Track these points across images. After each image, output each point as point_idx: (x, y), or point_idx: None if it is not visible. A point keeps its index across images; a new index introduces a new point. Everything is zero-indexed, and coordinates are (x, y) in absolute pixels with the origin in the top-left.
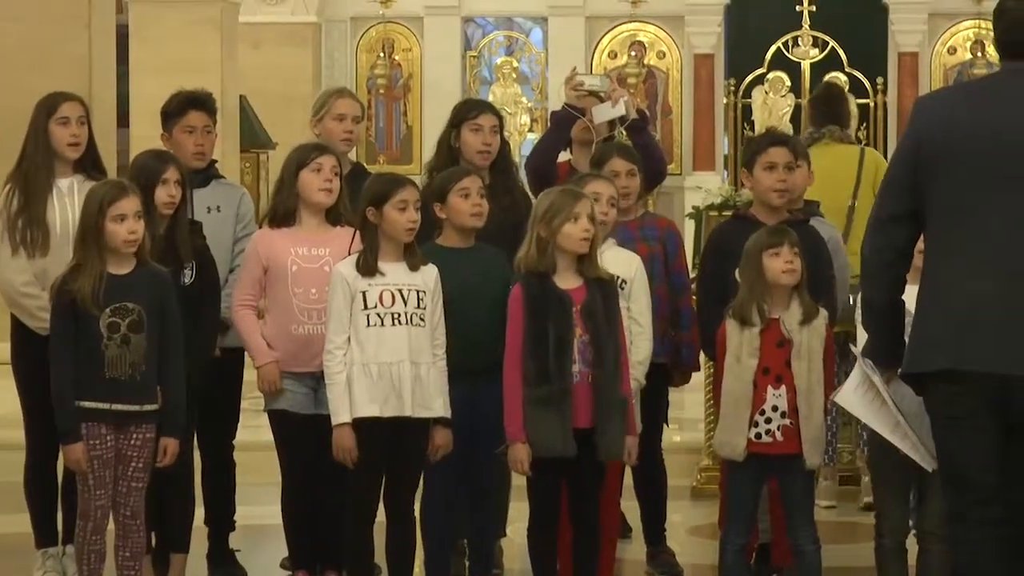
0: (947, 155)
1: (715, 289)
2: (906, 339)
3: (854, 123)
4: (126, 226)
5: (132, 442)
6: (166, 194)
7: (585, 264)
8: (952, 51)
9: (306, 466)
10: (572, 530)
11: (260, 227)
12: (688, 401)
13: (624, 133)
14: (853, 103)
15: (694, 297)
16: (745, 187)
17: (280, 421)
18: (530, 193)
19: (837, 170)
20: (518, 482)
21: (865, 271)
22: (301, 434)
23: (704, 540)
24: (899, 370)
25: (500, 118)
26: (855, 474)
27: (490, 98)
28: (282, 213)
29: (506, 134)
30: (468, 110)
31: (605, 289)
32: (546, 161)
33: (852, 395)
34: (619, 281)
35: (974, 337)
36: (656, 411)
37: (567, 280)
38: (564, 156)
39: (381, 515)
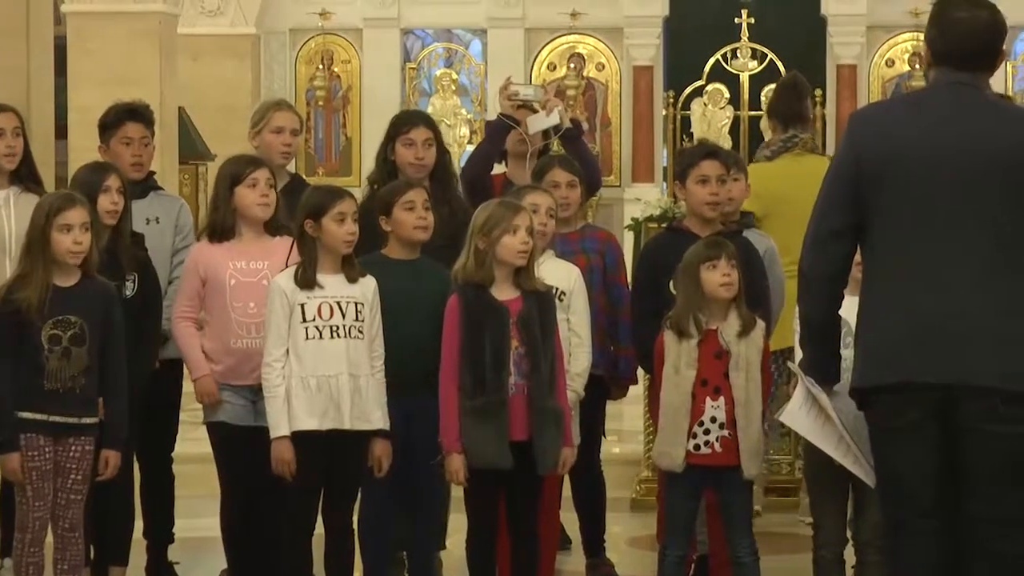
0: (889, 169)
1: (649, 301)
2: (842, 352)
3: None
4: (71, 237)
5: (71, 454)
6: (109, 202)
7: (522, 276)
8: (890, 63)
9: (245, 478)
10: (511, 541)
11: (198, 241)
12: (627, 413)
13: (559, 143)
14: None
15: None
16: (679, 198)
17: (218, 433)
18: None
19: (812, 184)
20: (457, 494)
21: (804, 287)
22: (240, 446)
23: (643, 551)
24: (836, 384)
25: (435, 130)
26: (794, 485)
27: (429, 110)
28: (220, 230)
29: (445, 145)
30: (402, 123)
31: (542, 301)
32: (481, 171)
33: (798, 414)
34: (558, 293)
35: (923, 350)
36: (594, 423)
37: (504, 292)
38: (499, 168)
39: (320, 527)
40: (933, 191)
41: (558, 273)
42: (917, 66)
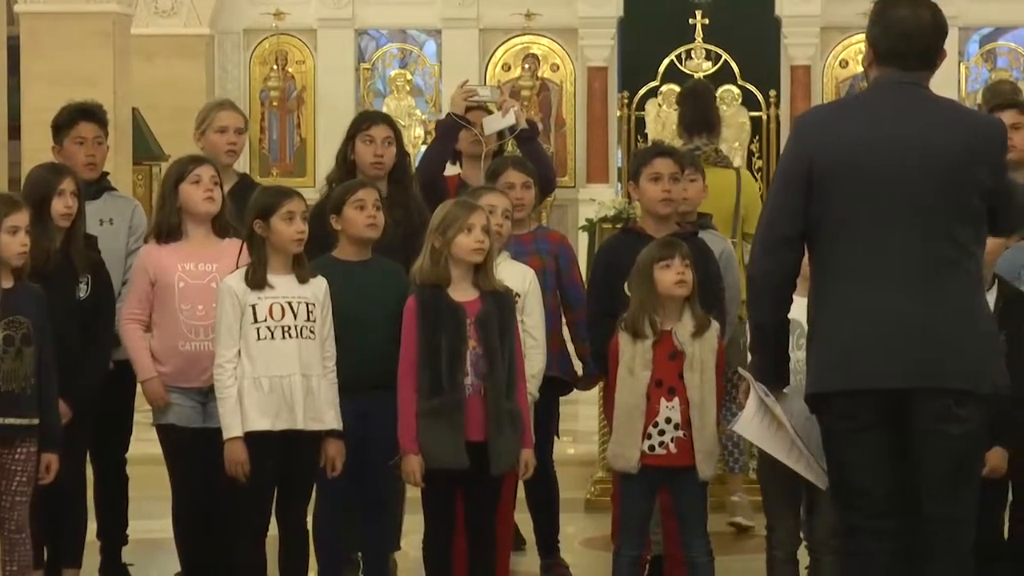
0: (840, 173)
1: (604, 302)
2: (795, 353)
3: (745, 135)
4: (19, 239)
5: (16, 456)
6: (63, 205)
7: (480, 276)
8: (844, 64)
9: (195, 480)
10: (467, 542)
11: (146, 242)
12: (582, 413)
13: (513, 143)
14: (745, 114)
15: None
16: (633, 199)
17: (167, 435)
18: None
19: (714, 196)
20: (413, 494)
21: (754, 294)
22: (190, 448)
23: (598, 552)
24: (786, 387)
25: (395, 129)
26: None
27: (383, 110)
28: (167, 229)
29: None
30: (362, 121)
31: (500, 301)
32: (433, 171)
33: (751, 423)
34: (513, 294)
35: (877, 354)
36: (547, 424)
37: (462, 292)
38: (454, 170)
39: (274, 528)
40: (883, 194)
41: (513, 275)
42: None
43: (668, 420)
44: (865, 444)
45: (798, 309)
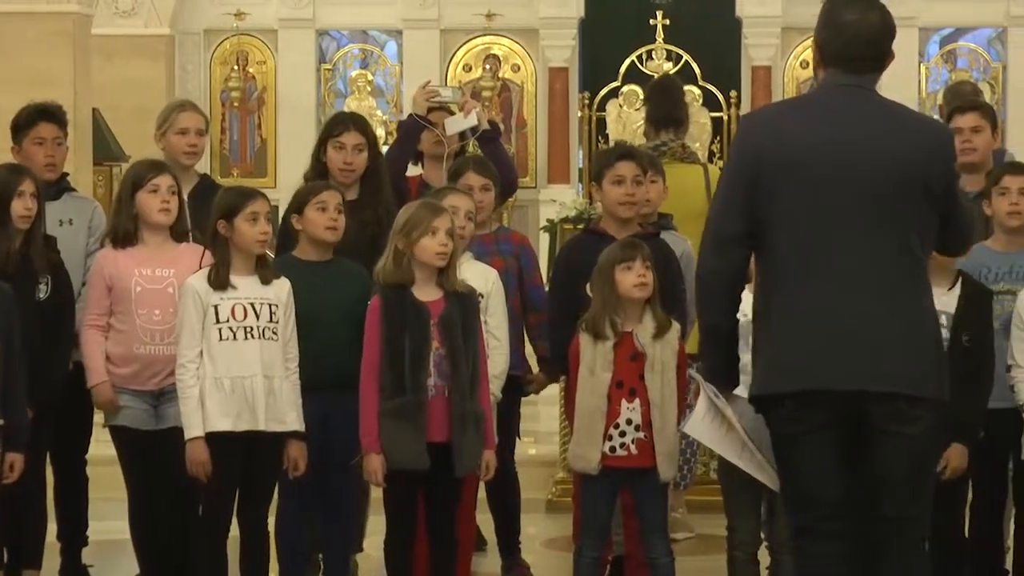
0: (787, 174)
1: (566, 303)
2: (740, 355)
3: (706, 136)
4: None
5: None
6: (23, 207)
7: (444, 277)
8: (805, 65)
9: (151, 481)
10: (428, 543)
11: (102, 246)
12: (543, 414)
13: (475, 144)
14: (706, 115)
15: None
16: (595, 200)
17: (120, 437)
18: None
19: (683, 192)
20: (376, 495)
21: (704, 295)
22: (143, 450)
23: (559, 553)
24: (735, 388)
25: (368, 134)
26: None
27: (347, 111)
28: (122, 234)
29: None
30: (334, 126)
31: (464, 302)
32: (395, 171)
33: (701, 424)
34: (476, 295)
35: (827, 357)
36: (509, 424)
37: (426, 293)
38: (416, 171)
39: (235, 529)
40: (831, 196)
41: (476, 275)
42: None
43: (629, 421)
44: (814, 446)
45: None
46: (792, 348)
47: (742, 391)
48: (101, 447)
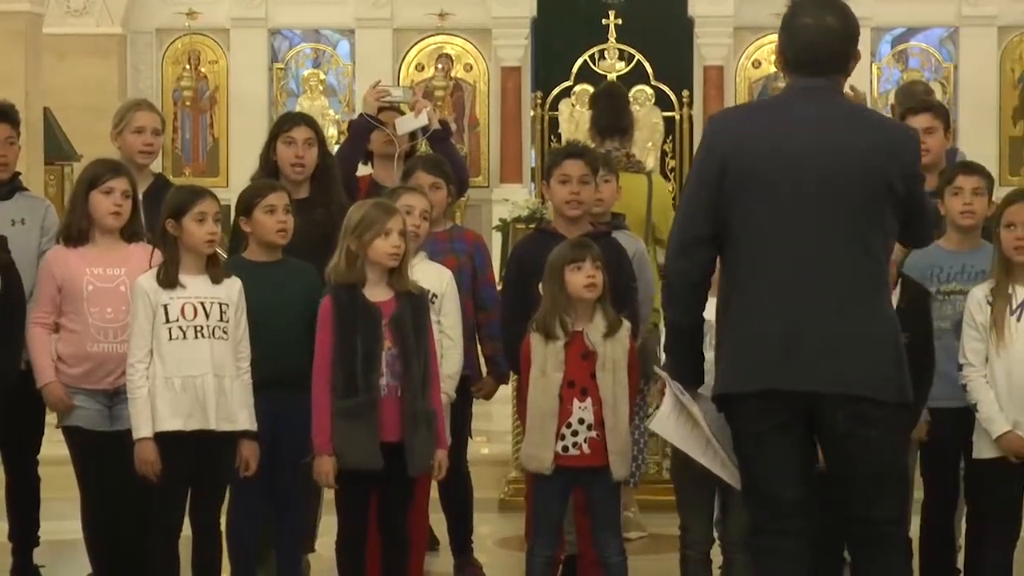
0: (753, 176)
1: (518, 302)
2: (706, 354)
3: (658, 135)
4: None
5: None
6: None
7: (395, 277)
8: (757, 64)
9: (103, 482)
10: (381, 543)
11: (55, 244)
12: (496, 413)
13: (426, 144)
14: (658, 114)
15: None
16: (547, 199)
17: (73, 438)
18: None
19: (627, 201)
20: (328, 495)
21: (669, 295)
22: (96, 450)
23: (512, 552)
24: (700, 387)
25: (318, 131)
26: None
27: (296, 110)
28: (76, 232)
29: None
30: (283, 123)
31: (415, 302)
32: (346, 171)
33: (667, 421)
34: (430, 295)
35: (789, 358)
36: (462, 424)
37: (377, 293)
38: (366, 170)
39: (187, 529)
40: (796, 199)
41: (430, 275)
42: None
43: (581, 421)
44: (776, 445)
45: (710, 309)
46: (754, 348)
47: (705, 390)
48: (54, 447)
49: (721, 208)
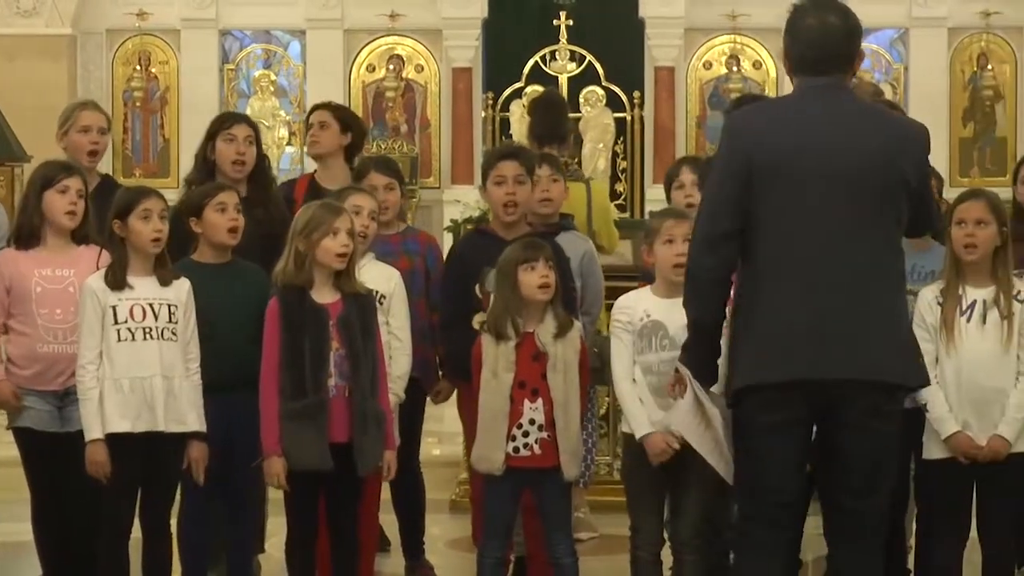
0: (775, 172)
1: (458, 304)
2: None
3: (609, 136)
4: None
5: None
6: None
7: (343, 279)
8: (708, 66)
9: (53, 483)
10: (331, 544)
11: (7, 245)
12: (447, 415)
13: (386, 145)
14: (609, 115)
15: None
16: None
17: (23, 439)
18: None
19: (566, 210)
20: (276, 496)
21: (695, 291)
22: (46, 451)
23: (463, 553)
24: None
25: (256, 130)
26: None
27: (247, 111)
28: (27, 232)
29: (264, 148)
30: (222, 121)
31: (362, 303)
32: None
33: (685, 418)
34: (378, 296)
35: (810, 348)
36: (413, 425)
37: (324, 294)
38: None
39: (137, 531)
40: (818, 194)
41: (378, 276)
42: (735, 68)
43: (532, 421)
44: (786, 438)
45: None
46: (781, 339)
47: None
48: (4, 448)
49: (745, 204)
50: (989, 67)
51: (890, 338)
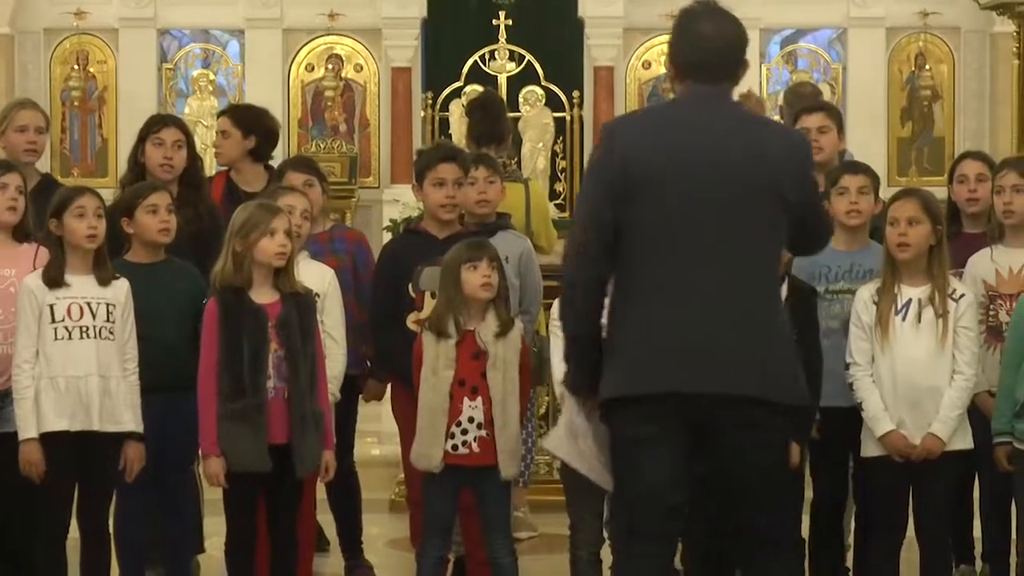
0: (648, 184)
1: (389, 303)
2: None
3: (549, 136)
4: None
5: None
6: None
7: (281, 278)
8: (647, 65)
9: None
10: (270, 544)
11: None
12: (386, 415)
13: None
14: (548, 115)
15: None
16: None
17: None
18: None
19: (504, 210)
20: (215, 496)
21: (572, 305)
22: None
23: (402, 552)
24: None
25: (186, 132)
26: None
27: (186, 111)
28: None
29: (202, 147)
30: (152, 124)
31: (301, 303)
32: None
33: (560, 442)
34: (313, 296)
35: (679, 361)
36: (347, 424)
37: (263, 295)
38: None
39: (75, 531)
40: (692, 206)
41: (313, 275)
42: None
43: (471, 419)
44: (661, 450)
45: None
46: (644, 353)
47: None
48: None
49: (619, 215)
50: (927, 67)
51: (760, 353)
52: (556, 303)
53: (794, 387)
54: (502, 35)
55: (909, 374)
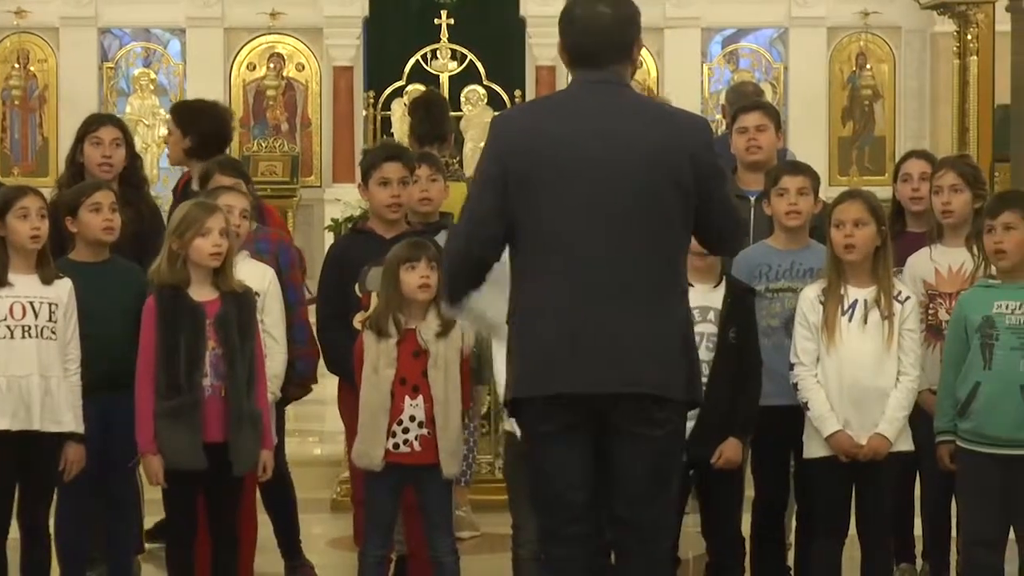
0: (534, 178)
1: (336, 302)
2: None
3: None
4: None
5: None
6: None
7: (220, 277)
8: None
9: None
10: (210, 543)
11: None
12: (328, 414)
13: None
14: (490, 114)
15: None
16: (364, 199)
17: None
18: None
19: (447, 208)
20: (155, 495)
21: (453, 281)
22: None
23: (344, 552)
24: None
25: (125, 131)
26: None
27: (127, 110)
28: None
29: (143, 145)
30: (90, 123)
31: (240, 301)
32: None
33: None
34: (253, 294)
35: (575, 360)
36: (278, 423)
37: (202, 293)
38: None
39: (15, 531)
40: (580, 198)
41: (252, 274)
42: None
43: (412, 418)
44: (563, 448)
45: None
46: (540, 351)
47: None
48: None
49: (508, 210)
50: (868, 67)
51: (655, 349)
52: None
53: (685, 383)
54: (444, 34)
55: (855, 374)
